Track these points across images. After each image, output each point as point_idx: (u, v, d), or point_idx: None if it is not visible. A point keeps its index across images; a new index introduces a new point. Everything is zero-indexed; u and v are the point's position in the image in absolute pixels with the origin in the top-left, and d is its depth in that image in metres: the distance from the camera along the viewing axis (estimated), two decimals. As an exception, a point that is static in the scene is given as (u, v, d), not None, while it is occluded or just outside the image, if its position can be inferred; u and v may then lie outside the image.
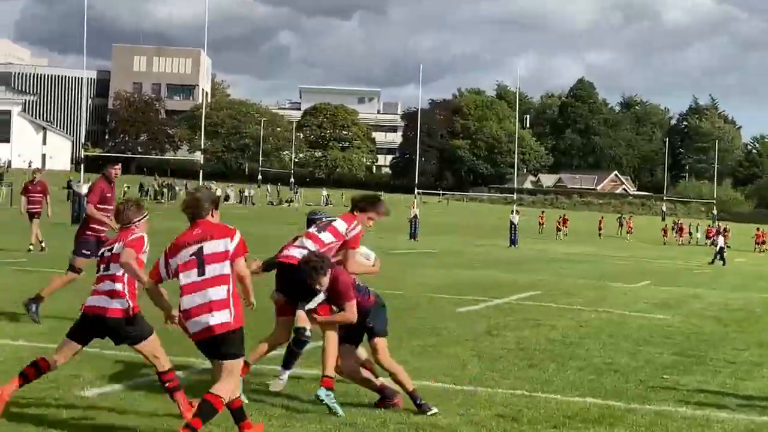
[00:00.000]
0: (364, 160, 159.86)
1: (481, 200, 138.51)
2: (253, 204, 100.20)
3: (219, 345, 7.23)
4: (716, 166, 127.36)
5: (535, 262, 37.58)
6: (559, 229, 69.48)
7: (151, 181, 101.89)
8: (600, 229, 78.16)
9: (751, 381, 12.17)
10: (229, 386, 7.24)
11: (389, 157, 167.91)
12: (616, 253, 51.51)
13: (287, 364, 9.41)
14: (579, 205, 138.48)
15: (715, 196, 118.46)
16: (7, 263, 23.00)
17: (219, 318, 7.20)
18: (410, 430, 8.49)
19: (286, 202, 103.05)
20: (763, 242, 73.88)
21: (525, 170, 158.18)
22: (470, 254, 40.22)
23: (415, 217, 55.43)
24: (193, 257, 7.31)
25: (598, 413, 9.47)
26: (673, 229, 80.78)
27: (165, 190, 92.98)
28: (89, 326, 8.10)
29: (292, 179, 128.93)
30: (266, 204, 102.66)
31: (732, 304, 23.22)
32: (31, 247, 26.21)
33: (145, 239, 8.41)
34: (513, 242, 53.97)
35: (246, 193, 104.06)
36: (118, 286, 8.15)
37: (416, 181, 68.68)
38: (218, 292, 7.22)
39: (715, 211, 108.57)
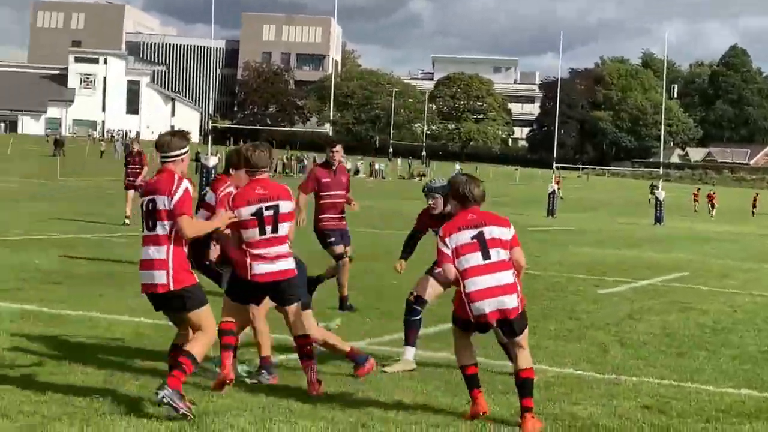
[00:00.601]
0: (500, 132, 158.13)
1: (624, 175, 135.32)
2: (384, 178, 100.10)
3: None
4: None
5: (683, 241, 36.05)
6: (711, 206, 66.76)
7: (281, 155, 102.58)
8: (754, 206, 75.20)
9: None
10: None
11: (526, 130, 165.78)
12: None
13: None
14: (730, 180, 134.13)
15: None
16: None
17: None
18: (547, 421, 7.96)
19: (418, 176, 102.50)
20: None
21: (672, 143, 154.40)
22: (612, 232, 38.96)
23: (553, 192, 54.23)
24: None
25: (755, 407, 8.86)
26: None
27: (294, 163, 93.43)
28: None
29: (423, 152, 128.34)
30: (397, 178, 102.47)
31: None
32: (127, 220, 25.80)
33: None
34: (658, 220, 52.26)
35: (376, 167, 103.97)
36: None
37: (554, 155, 67.13)
38: None
39: None
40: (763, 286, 20.18)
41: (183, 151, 7.60)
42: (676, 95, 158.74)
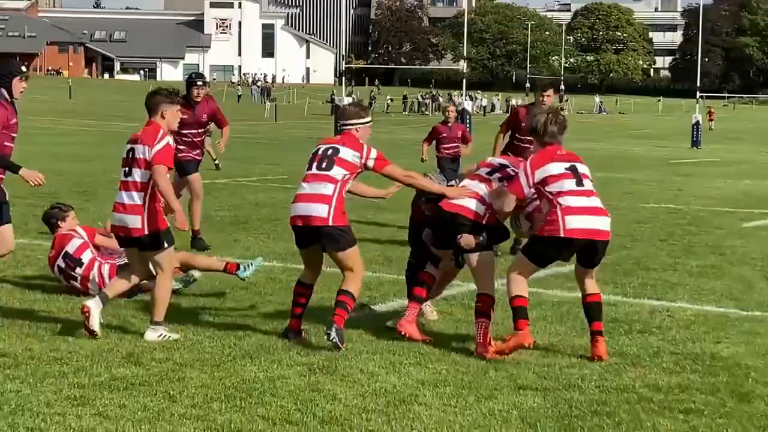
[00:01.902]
0: (641, 62, 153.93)
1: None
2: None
3: None
4: None
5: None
6: None
7: (415, 93, 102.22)
8: None
9: None
10: None
11: (668, 59, 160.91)
12: None
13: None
14: None
15: None
16: (269, 180, 23.08)
17: None
18: (687, 361, 7.68)
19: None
20: None
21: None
22: (760, 163, 37.50)
23: (697, 123, 52.55)
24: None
25: None
26: None
27: (429, 101, 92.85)
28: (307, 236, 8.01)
29: (562, 86, 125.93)
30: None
31: None
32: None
33: None
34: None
35: (512, 102, 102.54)
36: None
37: (698, 84, 64.88)
38: None
39: None
40: None
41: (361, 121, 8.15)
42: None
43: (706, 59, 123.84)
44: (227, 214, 16.46)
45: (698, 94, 62.91)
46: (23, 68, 8.63)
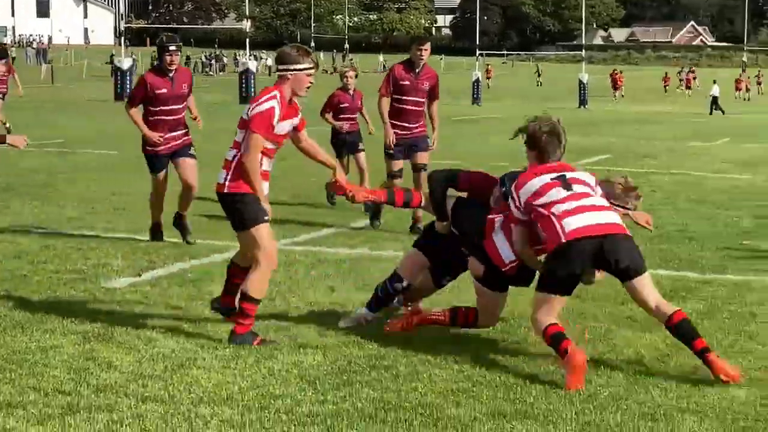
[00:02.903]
0: (423, 21, 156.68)
1: (549, 59, 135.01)
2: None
3: None
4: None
5: (606, 123, 36.18)
6: (616, 87, 65.52)
7: (198, 54, 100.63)
8: (665, 84, 75.07)
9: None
10: None
11: (449, 18, 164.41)
12: (695, 109, 49.53)
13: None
14: (653, 59, 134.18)
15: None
16: (44, 145, 22.28)
17: None
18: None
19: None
20: None
21: (594, 25, 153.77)
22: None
23: (478, 80, 53.91)
24: None
25: (671, 286, 8.86)
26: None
27: (213, 62, 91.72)
28: None
29: (346, 45, 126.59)
30: (320, 72, 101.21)
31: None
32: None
33: None
34: (582, 103, 52.29)
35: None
36: None
37: (477, 43, 66.47)
38: None
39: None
40: (684, 165, 20.36)
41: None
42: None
43: (485, 17, 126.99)
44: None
45: (478, 53, 64.55)
46: None
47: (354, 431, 5.32)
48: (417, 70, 11.72)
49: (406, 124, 11.76)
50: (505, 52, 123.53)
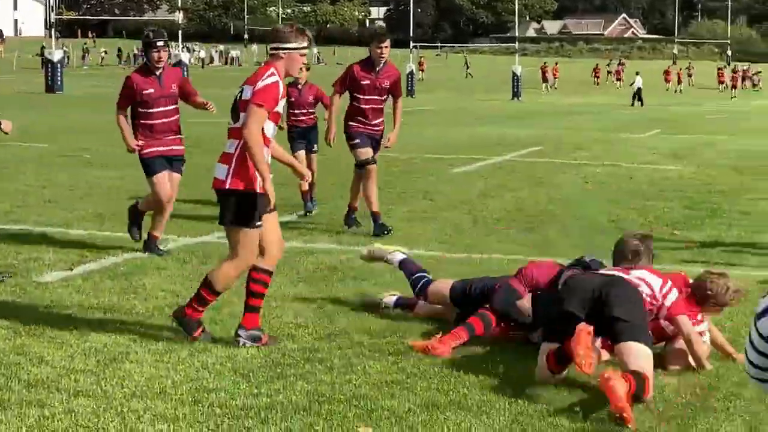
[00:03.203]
0: (356, 13, 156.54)
1: (482, 51, 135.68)
2: (240, 65, 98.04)
3: None
4: (729, 2, 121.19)
5: (539, 115, 36.48)
6: (545, 80, 66.03)
7: (130, 45, 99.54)
8: (596, 76, 75.98)
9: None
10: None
11: (383, 10, 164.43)
12: (626, 101, 50.16)
13: None
14: (585, 52, 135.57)
15: (729, 36, 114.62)
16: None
17: None
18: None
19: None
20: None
21: (527, 17, 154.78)
22: (470, 110, 39.03)
23: (411, 72, 54.09)
24: None
25: None
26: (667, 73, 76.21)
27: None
28: None
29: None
30: (254, 65, 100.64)
31: (750, 151, 22.29)
32: None
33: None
34: (516, 95, 52.67)
35: (232, 54, 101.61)
36: None
37: (411, 34, 66.64)
38: None
39: (729, 53, 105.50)
40: (615, 156, 20.60)
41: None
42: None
43: (419, 10, 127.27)
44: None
45: (411, 45, 64.70)
46: None
47: (288, 424, 5.32)
48: (377, 69, 11.49)
49: (366, 122, 11.57)
50: (439, 44, 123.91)
